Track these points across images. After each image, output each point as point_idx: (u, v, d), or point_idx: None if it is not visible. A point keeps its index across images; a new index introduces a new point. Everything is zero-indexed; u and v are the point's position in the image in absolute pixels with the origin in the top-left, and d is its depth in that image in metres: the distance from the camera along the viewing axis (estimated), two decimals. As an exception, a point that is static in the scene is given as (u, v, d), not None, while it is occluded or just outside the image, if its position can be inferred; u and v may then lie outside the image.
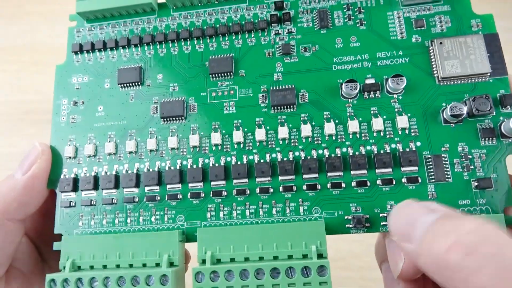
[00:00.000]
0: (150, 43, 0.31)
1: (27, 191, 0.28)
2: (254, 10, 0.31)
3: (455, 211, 0.20)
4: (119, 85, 0.31)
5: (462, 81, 0.28)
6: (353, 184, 0.27)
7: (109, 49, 0.32)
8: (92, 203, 0.29)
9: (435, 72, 0.28)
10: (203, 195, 0.28)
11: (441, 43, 0.28)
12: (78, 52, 0.32)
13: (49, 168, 0.29)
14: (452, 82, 0.28)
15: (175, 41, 0.31)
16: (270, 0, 0.31)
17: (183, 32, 0.31)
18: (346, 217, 0.27)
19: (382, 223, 0.26)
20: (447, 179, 0.26)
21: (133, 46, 0.32)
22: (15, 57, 0.61)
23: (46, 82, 0.33)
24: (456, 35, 0.28)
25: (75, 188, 0.29)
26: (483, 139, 0.26)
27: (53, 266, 0.30)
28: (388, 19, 0.29)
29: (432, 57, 0.28)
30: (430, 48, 0.28)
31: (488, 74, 0.27)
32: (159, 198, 0.28)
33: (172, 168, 0.29)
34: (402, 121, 0.27)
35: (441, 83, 0.28)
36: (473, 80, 0.27)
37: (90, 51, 0.32)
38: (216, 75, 0.30)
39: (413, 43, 0.29)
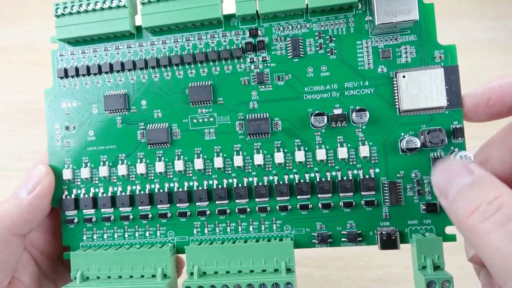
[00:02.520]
0: (132, 69, 0.33)
1: (32, 209, 0.31)
2: (230, 36, 0.32)
3: (490, 176, 0.23)
4: (107, 111, 0.33)
5: (421, 113, 0.30)
6: (319, 206, 0.31)
7: (93, 74, 0.33)
8: (92, 220, 0.33)
9: (396, 103, 0.30)
10: (189, 214, 0.32)
11: (404, 76, 0.30)
12: (64, 77, 0.34)
13: (53, 188, 0.33)
14: (411, 113, 0.30)
15: (156, 67, 0.33)
16: (245, 26, 0.32)
17: (162, 59, 0.32)
18: (312, 234, 0.31)
19: (342, 239, 0.31)
20: (399, 203, 0.30)
21: (115, 71, 0.33)
22: (15, 57, 0.61)
23: (46, 82, 0.34)
24: (419, 66, 0.30)
25: (76, 207, 0.33)
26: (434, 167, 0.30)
27: (49, 276, 0.35)
28: (357, 48, 0.31)
29: (395, 88, 0.30)
30: (394, 80, 0.30)
31: (445, 107, 0.30)
32: (151, 216, 0.33)
33: (161, 190, 0.32)
34: (364, 151, 0.30)
35: (401, 114, 0.30)
36: (430, 112, 0.30)
37: (75, 76, 0.34)
38: (196, 103, 0.32)
39: (379, 73, 0.31)
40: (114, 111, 0.33)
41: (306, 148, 0.31)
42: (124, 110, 0.33)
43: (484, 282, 0.30)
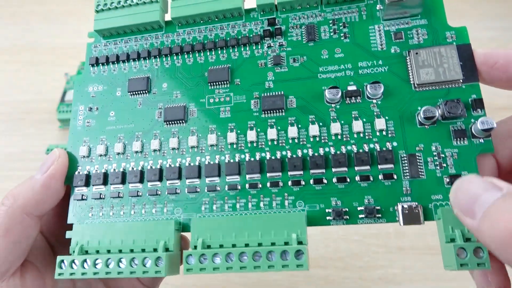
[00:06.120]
0: (157, 56, 0.35)
1: (45, 189, 0.31)
2: (249, 26, 0.35)
3: None
4: (129, 93, 0.35)
5: (436, 87, 0.30)
6: (334, 180, 0.29)
7: (121, 61, 0.36)
8: (101, 197, 0.32)
9: (411, 79, 0.30)
10: (198, 190, 0.31)
11: (417, 53, 0.31)
12: (95, 65, 0.36)
13: (66, 169, 0.33)
14: (427, 88, 0.30)
15: (179, 54, 0.35)
16: (264, 17, 0.35)
17: (186, 46, 0.35)
18: (327, 210, 0.29)
19: (360, 216, 0.28)
20: (420, 176, 0.28)
21: (142, 59, 0.36)
22: (15, 57, 0.62)
23: (46, 82, 0.36)
24: (431, 46, 0.31)
25: (87, 184, 0.33)
26: (455, 139, 0.29)
27: None
28: (369, 32, 0.32)
29: (409, 66, 0.31)
30: (407, 58, 0.31)
31: (461, 81, 0.29)
32: (160, 192, 0.32)
33: (172, 165, 0.32)
34: (380, 123, 0.30)
35: (417, 89, 0.30)
36: (446, 86, 0.30)
37: (105, 63, 0.36)
38: (214, 83, 0.33)
39: (392, 53, 0.31)
40: (136, 93, 0.35)
41: (321, 123, 0.31)
42: (146, 91, 0.35)
43: (479, 282, 0.26)
